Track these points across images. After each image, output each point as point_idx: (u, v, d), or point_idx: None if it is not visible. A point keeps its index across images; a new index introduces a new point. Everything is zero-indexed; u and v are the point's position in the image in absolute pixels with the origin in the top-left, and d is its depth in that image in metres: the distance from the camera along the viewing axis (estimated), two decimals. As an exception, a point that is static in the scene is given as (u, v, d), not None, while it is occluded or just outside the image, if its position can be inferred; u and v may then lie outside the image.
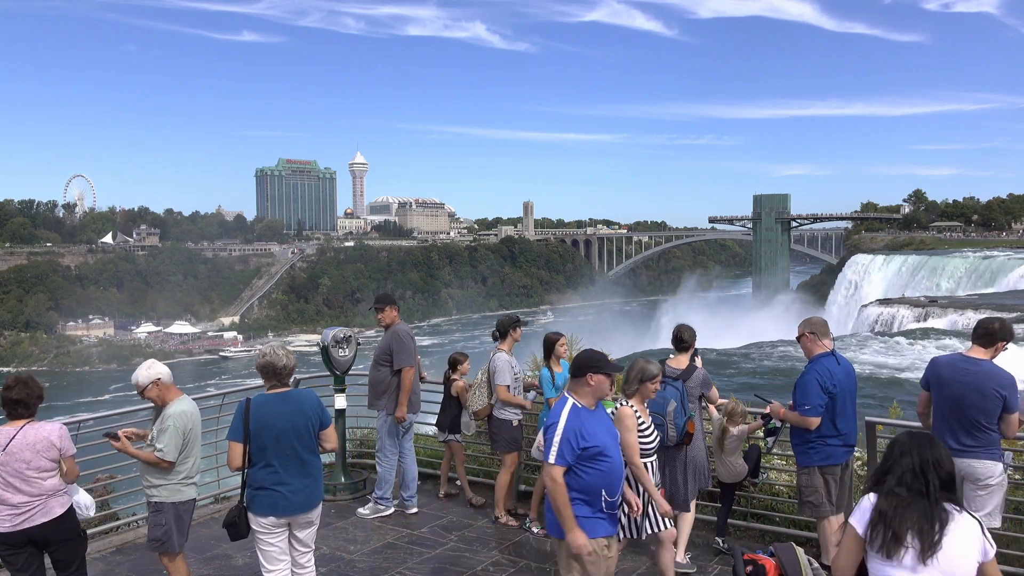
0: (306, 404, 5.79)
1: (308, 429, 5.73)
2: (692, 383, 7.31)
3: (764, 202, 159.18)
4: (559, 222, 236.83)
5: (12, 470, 5.57)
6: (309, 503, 5.78)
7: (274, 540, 5.73)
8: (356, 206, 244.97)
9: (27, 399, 5.74)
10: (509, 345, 8.90)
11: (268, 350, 5.83)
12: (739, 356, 50.38)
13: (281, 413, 5.65)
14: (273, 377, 5.77)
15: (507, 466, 8.79)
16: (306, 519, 5.83)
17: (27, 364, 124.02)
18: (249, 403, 5.70)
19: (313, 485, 5.81)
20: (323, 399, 6.75)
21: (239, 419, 5.67)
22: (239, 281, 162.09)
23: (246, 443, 5.62)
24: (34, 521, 5.65)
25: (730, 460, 7.76)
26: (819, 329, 6.88)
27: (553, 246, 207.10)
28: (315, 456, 5.85)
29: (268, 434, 5.59)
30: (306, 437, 5.72)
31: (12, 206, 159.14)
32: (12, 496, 5.59)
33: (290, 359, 5.82)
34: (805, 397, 6.66)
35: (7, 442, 5.59)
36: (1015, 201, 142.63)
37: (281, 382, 5.80)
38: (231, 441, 5.69)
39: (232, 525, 5.76)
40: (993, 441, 6.20)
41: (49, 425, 5.84)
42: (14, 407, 5.72)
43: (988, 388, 6.15)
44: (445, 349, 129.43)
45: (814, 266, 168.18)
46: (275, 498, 5.62)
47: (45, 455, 5.66)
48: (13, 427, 5.68)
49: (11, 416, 5.74)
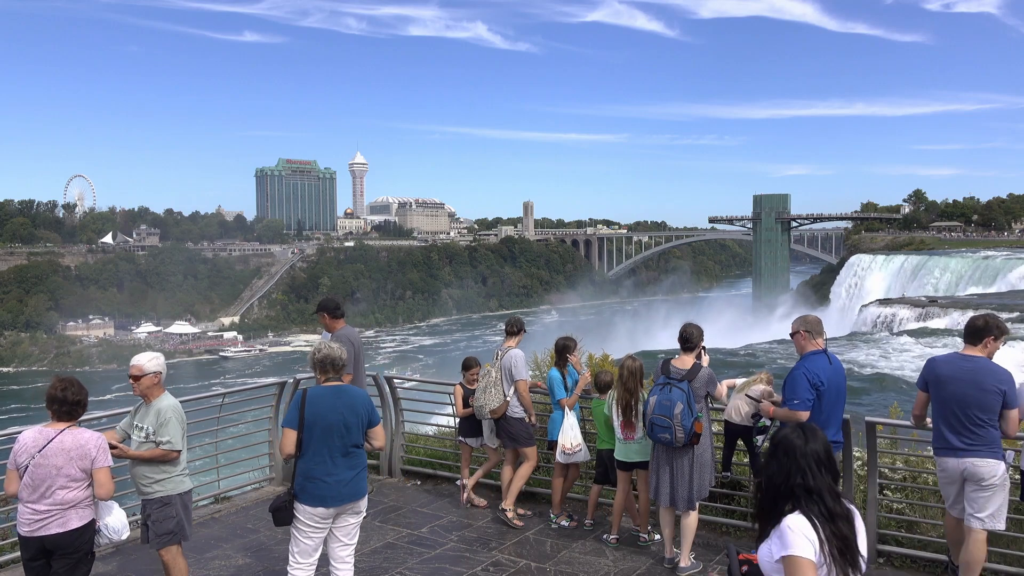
0: (358, 400, 5.99)
1: (358, 424, 5.92)
2: (697, 383, 7.29)
3: (764, 202, 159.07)
4: (559, 222, 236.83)
5: (43, 474, 5.43)
6: (356, 494, 5.97)
7: (314, 534, 5.91)
8: (356, 206, 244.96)
9: (84, 400, 5.67)
10: (516, 344, 8.95)
11: (323, 345, 6.06)
12: (739, 356, 50.37)
13: (334, 406, 5.84)
14: (330, 370, 5.98)
15: (530, 459, 8.82)
16: (353, 509, 6.01)
17: (27, 364, 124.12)
18: (305, 393, 5.90)
19: (360, 476, 5.98)
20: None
21: (295, 408, 5.86)
22: (239, 281, 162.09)
23: (300, 432, 5.80)
24: (49, 530, 5.47)
25: (739, 404, 7.50)
26: (813, 327, 6.93)
27: (553, 246, 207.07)
28: (361, 450, 6.02)
29: (321, 425, 5.79)
30: (355, 431, 5.90)
31: (12, 206, 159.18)
32: (37, 501, 5.46)
33: (345, 352, 6.08)
34: (794, 392, 6.71)
35: (44, 444, 5.47)
36: (1015, 201, 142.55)
37: (337, 376, 6.00)
38: (286, 428, 5.87)
39: (280, 510, 5.90)
40: (995, 439, 6.20)
41: (89, 433, 5.66)
42: (71, 408, 5.60)
43: (987, 384, 6.17)
44: (445, 349, 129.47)
45: (814, 266, 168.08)
46: (324, 488, 5.79)
47: (78, 463, 5.49)
48: (54, 429, 5.55)
49: (59, 417, 5.60)
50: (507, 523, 8.65)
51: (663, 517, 7.48)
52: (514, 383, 8.69)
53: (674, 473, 7.31)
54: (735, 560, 4.86)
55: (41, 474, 5.44)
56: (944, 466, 6.43)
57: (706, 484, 7.41)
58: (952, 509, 6.53)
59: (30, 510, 5.48)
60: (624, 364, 7.89)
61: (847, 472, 7.53)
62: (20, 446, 5.54)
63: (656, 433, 7.19)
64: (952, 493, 6.47)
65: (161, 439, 6.17)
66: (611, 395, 8.04)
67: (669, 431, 7.05)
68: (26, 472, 5.46)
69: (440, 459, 10.68)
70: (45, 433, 5.54)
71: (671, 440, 7.08)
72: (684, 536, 7.35)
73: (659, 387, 7.26)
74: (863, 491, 7.66)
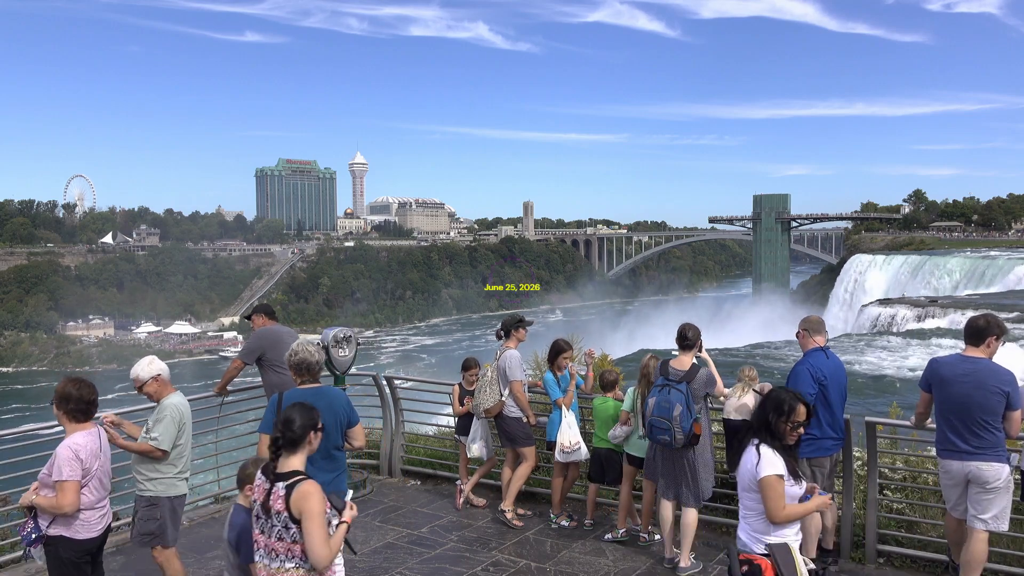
0: (336, 401, 5.95)
1: (336, 426, 5.87)
2: (696, 384, 7.30)
3: (764, 202, 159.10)
4: (559, 222, 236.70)
5: (108, 469, 5.70)
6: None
7: None
8: (356, 206, 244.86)
9: (97, 398, 5.74)
10: (514, 344, 8.92)
11: (299, 347, 6.00)
12: (739, 356, 50.37)
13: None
14: (306, 373, 5.95)
15: (528, 460, 8.80)
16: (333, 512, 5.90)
17: (27, 364, 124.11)
18: (282, 397, 5.87)
19: (339, 479, 5.94)
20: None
21: (271, 412, 5.82)
22: (239, 281, 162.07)
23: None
24: (110, 516, 5.80)
25: (746, 400, 7.46)
26: (813, 327, 7.21)
27: (553, 246, 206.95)
28: (341, 452, 5.99)
29: None
30: (333, 433, 5.85)
31: (12, 206, 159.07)
32: (101, 496, 5.63)
33: (321, 355, 6.03)
34: (797, 385, 6.85)
35: (100, 442, 5.63)
36: (1015, 201, 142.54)
37: (313, 378, 5.97)
38: (262, 434, 5.87)
39: None
40: (999, 442, 6.18)
41: (100, 427, 5.93)
42: (89, 408, 5.63)
43: (990, 385, 6.15)
44: (448, 349, 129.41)
45: (814, 266, 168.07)
46: None
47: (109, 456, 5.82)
48: (94, 427, 5.69)
49: (83, 418, 5.60)
50: (506, 523, 8.66)
51: (663, 517, 7.48)
52: (509, 383, 8.70)
53: (678, 472, 7.31)
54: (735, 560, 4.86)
55: (105, 470, 5.68)
56: (947, 468, 6.40)
57: (709, 484, 7.42)
58: (954, 511, 6.51)
59: (99, 509, 5.61)
60: (647, 363, 7.87)
61: (847, 472, 7.53)
62: (88, 452, 5.47)
63: (655, 435, 7.21)
64: (955, 495, 6.44)
65: (152, 435, 6.11)
66: (634, 392, 8.01)
67: (668, 433, 7.08)
68: (94, 476, 5.54)
69: (440, 459, 10.68)
70: (93, 433, 5.63)
71: (670, 442, 7.11)
72: (684, 536, 7.35)
73: (658, 388, 7.28)
74: (863, 491, 7.65)
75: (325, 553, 4.25)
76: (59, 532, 5.43)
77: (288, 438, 4.48)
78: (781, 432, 4.80)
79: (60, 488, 5.33)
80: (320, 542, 4.24)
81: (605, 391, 8.51)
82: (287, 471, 4.44)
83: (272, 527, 4.34)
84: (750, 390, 7.62)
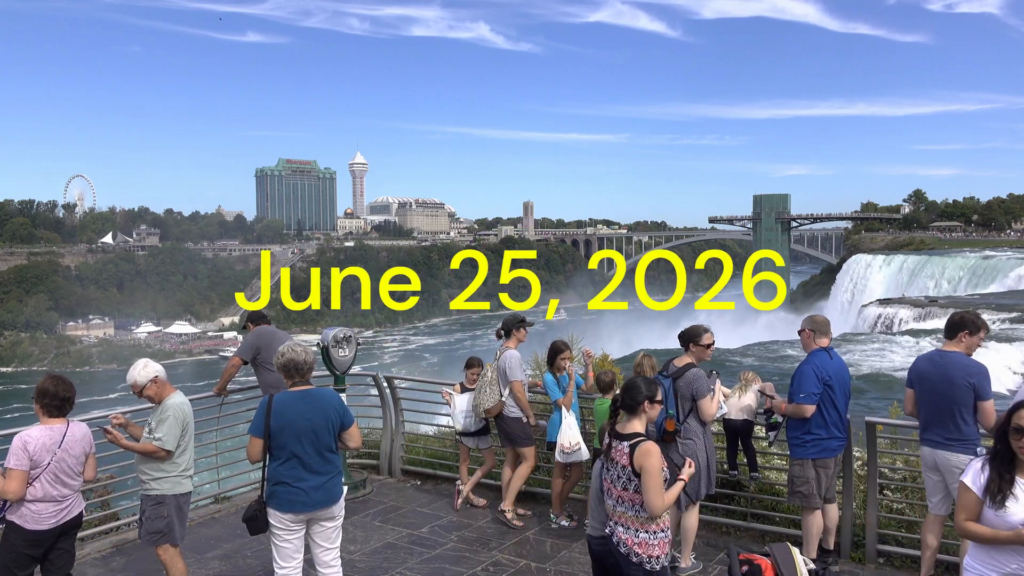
0: (327, 403, 5.83)
1: (328, 428, 5.76)
2: (682, 382, 7.22)
3: (764, 202, 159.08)
4: (559, 222, 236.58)
5: (65, 466, 5.72)
6: (328, 499, 5.82)
7: (290, 537, 5.78)
8: (356, 206, 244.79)
9: (73, 398, 5.87)
10: (514, 344, 8.93)
11: (286, 348, 5.87)
12: (739, 356, 50.41)
13: (302, 411, 5.70)
14: (295, 375, 5.83)
15: (528, 460, 8.81)
16: (327, 515, 5.87)
17: (27, 364, 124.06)
18: (271, 400, 5.78)
19: (332, 482, 5.85)
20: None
21: (261, 415, 5.75)
22: (239, 281, 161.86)
23: (266, 439, 5.70)
24: (71, 513, 5.83)
25: (748, 401, 7.70)
26: (818, 327, 7.16)
27: (553, 246, 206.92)
28: (334, 454, 5.89)
29: (289, 431, 5.66)
30: (325, 435, 5.75)
31: (12, 206, 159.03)
32: (59, 492, 5.70)
33: (309, 356, 5.91)
34: (801, 386, 6.88)
35: (61, 438, 5.71)
36: (1015, 201, 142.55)
37: (303, 380, 5.86)
38: (252, 436, 5.78)
39: (252, 519, 5.83)
40: (971, 435, 6.35)
41: (83, 423, 6.05)
42: (63, 404, 5.81)
43: (956, 377, 6.33)
44: (450, 348, 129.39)
45: (814, 266, 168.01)
46: (294, 494, 5.67)
47: (86, 451, 5.91)
48: (61, 424, 5.79)
49: (56, 413, 5.79)
50: (506, 524, 8.66)
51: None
52: (509, 383, 8.71)
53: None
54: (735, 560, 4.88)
55: (64, 467, 5.71)
56: (922, 454, 6.67)
57: (702, 484, 7.38)
58: (938, 508, 6.58)
59: (52, 503, 5.67)
60: (640, 361, 7.92)
61: (847, 472, 7.54)
62: (38, 445, 5.60)
63: None
64: (931, 484, 6.59)
65: (156, 435, 6.16)
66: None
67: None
68: (47, 469, 5.63)
69: (440, 459, 10.68)
70: (58, 428, 5.74)
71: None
72: (684, 536, 7.35)
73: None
74: (863, 491, 7.66)
75: (660, 503, 4.92)
76: (12, 519, 5.64)
77: (626, 403, 5.17)
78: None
79: (7, 475, 5.57)
80: (656, 494, 4.89)
81: (603, 392, 8.51)
82: (629, 432, 5.09)
83: (617, 477, 5.04)
84: (750, 390, 7.69)
